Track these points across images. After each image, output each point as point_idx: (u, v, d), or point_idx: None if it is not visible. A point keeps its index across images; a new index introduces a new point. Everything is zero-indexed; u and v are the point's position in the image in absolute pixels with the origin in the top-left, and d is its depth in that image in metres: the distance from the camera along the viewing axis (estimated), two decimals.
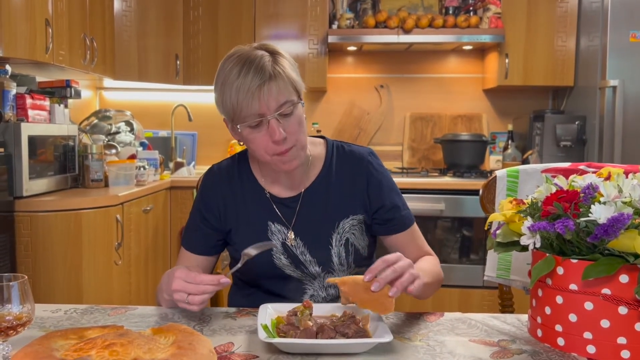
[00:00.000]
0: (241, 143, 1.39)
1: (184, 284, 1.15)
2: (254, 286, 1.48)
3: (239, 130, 1.30)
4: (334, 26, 3.77)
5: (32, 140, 2.53)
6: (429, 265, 1.40)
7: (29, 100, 2.67)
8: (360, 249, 1.45)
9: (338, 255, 1.42)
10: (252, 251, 1.23)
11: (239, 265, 1.23)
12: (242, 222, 1.44)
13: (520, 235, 1.06)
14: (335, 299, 1.45)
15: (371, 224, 1.47)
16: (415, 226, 1.49)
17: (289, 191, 1.44)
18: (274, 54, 1.30)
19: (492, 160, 3.97)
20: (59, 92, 3.01)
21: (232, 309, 1.30)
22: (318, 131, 3.83)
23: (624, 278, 0.96)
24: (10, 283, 0.95)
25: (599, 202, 0.98)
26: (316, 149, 1.48)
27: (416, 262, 1.39)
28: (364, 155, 1.49)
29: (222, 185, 1.46)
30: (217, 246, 1.48)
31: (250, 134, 1.30)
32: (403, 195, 1.51)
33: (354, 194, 1.44)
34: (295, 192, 1.44)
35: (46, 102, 2.83)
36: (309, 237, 1.42)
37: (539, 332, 1.08)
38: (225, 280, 1.15)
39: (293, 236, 1.41)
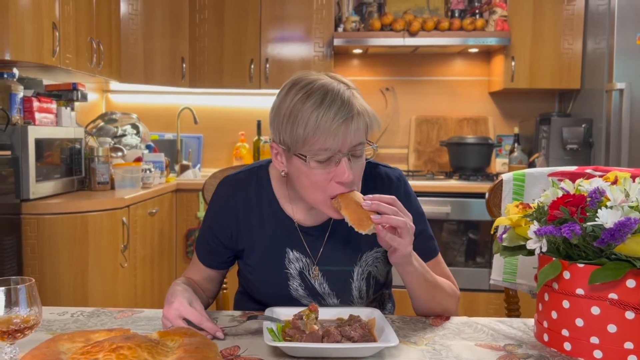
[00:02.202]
0: (284, 174, 1.27)
1: (175, 317, 1.13)
2: (262, 305, 1.34)
3: (308, 162, 1.17)
4: (340, 29, 3.77)
5: (39, 143, 2.54)
6: (442, 281, 1.31)
7: (35, 103, 2.68)
8: (380, 279, 1.38)
9: (358, 289, 1.35)
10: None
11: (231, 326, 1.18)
12: (257, 243, 1.35)
13: (527, 239, 1.06)
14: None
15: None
16: (439, 258, 1.40)
17: (313, 219, 1.35)
18: (350, 87, 1.21)
19: (498, 163, 3.96)
20: (66, 95, 3.02)
21: (238, 312, 1.31)
22: None
23: (630, 283, 0.96)
24: (18, 286, 0.95)
25: (606, 206, 0.98)
26: None
27: None
28: (392, 178, 1.39)
29: (238, 200, 1.36)
30: (227, 262, 1.41)
31: (316, 168, 1.18)
32: None
33: None
34: (319, 220, 1.35)
35: (53, 105, 2.84)
36: (329, 269, 1.34)
37: (546, 337, 1.08)
38: (221, 335, 1.11)
39: (318, 271, 1.33)
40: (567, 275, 1.01)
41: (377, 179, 1.39)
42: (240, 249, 1.38)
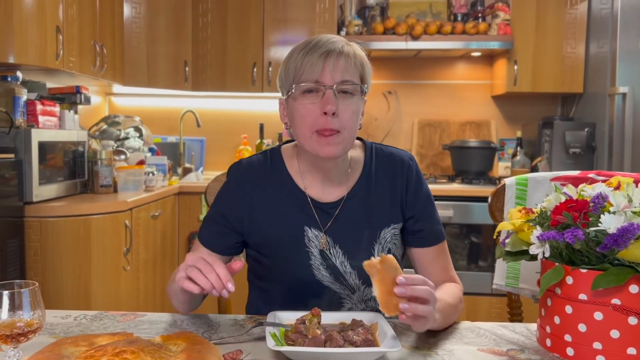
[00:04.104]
0: (287, 126, 1.33)
1: (196, 259, 1.09)
2: (281, 302, 1.34)
3: (293, 91, 1.26)
4: (342, 32, 3.78)
5: (42, 146, 2.55)
6: (451, 299, 1.27)
7: (39, 107, 2.69)
8: (398, 258, 1.38)
9: None
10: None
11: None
12: (275, 225, 1.35)
13: (529, 244, 1.06)
14: (374, 311, 1.34)
15: (402, 231, 1.40)
16: (444, 245, 1.42)
17: (327, 195, 1.36)
18: (348, 42, 1.31)
19: (500, 167, 3.96)
20: (69, 98, 3.03)
21: (241, 316, 1.31)
22: None
23: (633, 288, 0.96)
24: (22, 290, 0.95)
25: (609, 211, 0.98)
26: (355, 152, 1.41)
27: (440, 288, 1.30)
28: (405, 159, 1.42)
29: (252, 183, 1.37)
30: (234, 248, 1.38)
31: (302, 100, 1.26)
32: None
33: (394, 200, 1.38)
34: (334, 196, 1.36)
35: (56, 108, 2.85)
36: (349, 247, 1.34)
37: (548, 342, 1.08)
38: (231, 287, 1.07)
39: (326, 240, 1.33)
40: (569, 280, 1.01)
41: (389, 158, 1.42)
42: (252, 232, 1.36)
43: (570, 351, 1.02)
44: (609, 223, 0.95)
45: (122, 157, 3.25)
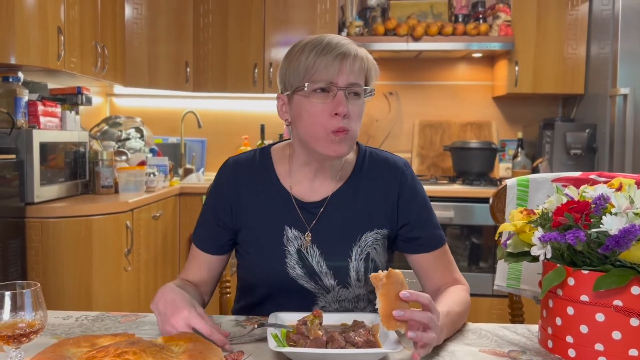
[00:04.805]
0: (288, 122, 1.33)
1: (184, 326, 1.08)
2: (259, 296, 1.38)
3: (305, 89, 1.24)
4: (344, 33, 3.78)
5: (44, 146, 2.55)
6: (459, 308, 1.23)
7: (40, 107, 2.69)
8: (379, 266, 1.36)
9: (356, 270, 1.33)
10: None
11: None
12: (256, 222, 1.36)
13: (531, 245, 1.06)
14: (346, 312, 1.36)
15: (395, 239, 1.40)
16: (445, 248, 1.40)
17: (313, 194, 1.36)
18: (355, 43, 1.32)
19: (501, 168, 3.96)
20: (70, 99, 3.04)
21: (242, 317, 1.31)
22: None
23: (635, 290, 0.95)
24: (24, 290, 0.95)
25: (610, 213, 0.98)
26: (349, 154, 1.40)
27: (446, 295, 1.29)
28: (399, 164, 1.41)
29: (240, 180, 1.38)
30: (228, 246, 1.40)
31: (312, 99, 1.25)
32: None
33: (383, 204, 1.37)
34: (320, 196, 1.36)
35: (57, 109, 2.86)
36: (327, 247, 1.33)
37: (550, 343, 1.08)
38: (230, 347, 1.07)
39: (310, 239, 1.33)
40: (571, 281, 1.01)
41: (382, 163, 1.41)
42: (238, 228, 1.38)
43: (571, 352, 1.02)
44: (611, 224, 0.95)
45: (123, 157, 3.26)
